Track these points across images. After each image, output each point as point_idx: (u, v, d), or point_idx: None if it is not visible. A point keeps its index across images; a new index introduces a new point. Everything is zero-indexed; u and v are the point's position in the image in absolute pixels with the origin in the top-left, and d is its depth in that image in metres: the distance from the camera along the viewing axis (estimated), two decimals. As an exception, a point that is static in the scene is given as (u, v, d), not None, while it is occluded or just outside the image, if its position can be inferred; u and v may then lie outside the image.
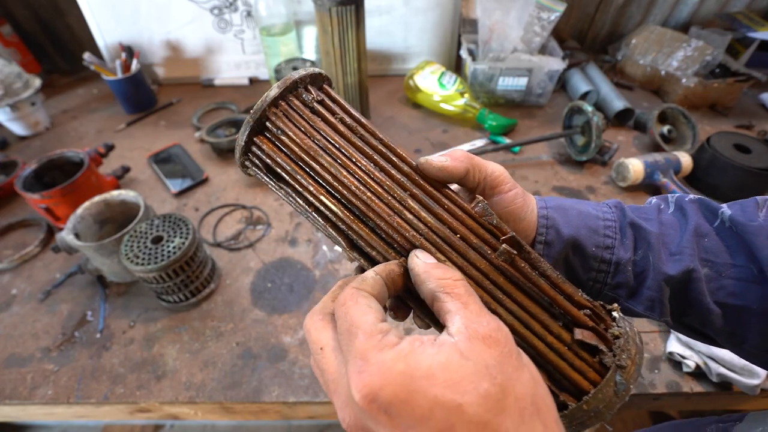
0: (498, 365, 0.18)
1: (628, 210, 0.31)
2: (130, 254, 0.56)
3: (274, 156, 0.26)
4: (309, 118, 0.26)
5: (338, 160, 0.25)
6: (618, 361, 0.23)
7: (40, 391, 0.54)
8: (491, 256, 0.25)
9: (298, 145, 0.25)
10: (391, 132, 0.98)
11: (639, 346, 0.24)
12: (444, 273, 0.22)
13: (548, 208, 0.30)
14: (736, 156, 0.75)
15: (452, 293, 0.21)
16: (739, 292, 0.27)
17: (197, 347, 0.58)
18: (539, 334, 0.24)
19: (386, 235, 0.25)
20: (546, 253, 0.29)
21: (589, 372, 0.23)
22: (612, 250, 0.29)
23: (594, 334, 0.24)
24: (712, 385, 0.53)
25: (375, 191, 0.25)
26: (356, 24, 0.76)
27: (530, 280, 0.24)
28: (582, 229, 0.29)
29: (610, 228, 0.30)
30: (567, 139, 0.89)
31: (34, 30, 1.19)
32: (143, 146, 0.95)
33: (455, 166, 0.27)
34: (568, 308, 0.24)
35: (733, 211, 0.28)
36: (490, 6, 0.95)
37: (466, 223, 0.25)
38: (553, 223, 0.29)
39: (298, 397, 0.53)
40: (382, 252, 0.25)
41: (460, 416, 0.17)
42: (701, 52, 0.98)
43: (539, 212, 0.30)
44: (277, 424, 1.19)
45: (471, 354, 0.19)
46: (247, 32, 1.09)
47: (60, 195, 0.68)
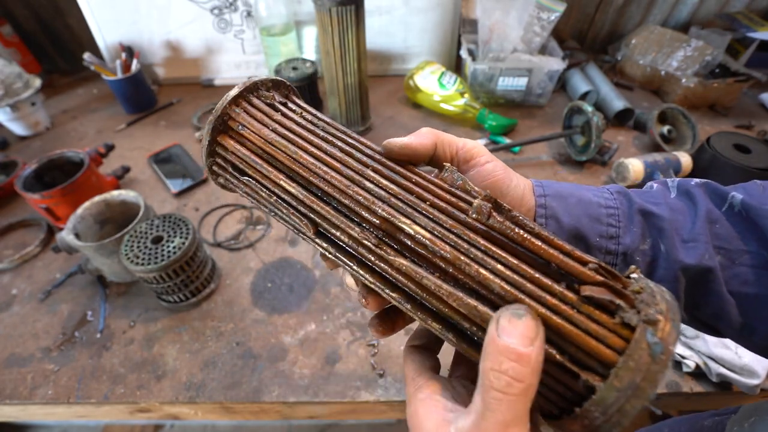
0: None
1: (634, 195, 0.28)
2: (130, 254, 0.57)
3: (237, 150, 0.25)
4: (267, 112, 0.26)
5: (296, 145, 0.25)
6: (645, 316, 0.18)
7: (41, 391, 0.54)
8: (465, 217, 0.22)
9: (257, 135, 0.25)
10: (390, 132, 0.98)
11: (670, 302, 0.19)
12: (501, 374, 0.17)
13: (546, 196, 0.27)
14: (735, 156, 0.75)
15: (489, 393, 0.17)
16: (753, 279, 0.25)
17: (197, 347, 0.59)
18: (537, 297, 0.19)
19: (348, 209, 0.23)
20: None
21: (610, 337, 0.18)
22: (617, 239, 0.26)
23: (606, 289, 0.19)
24: (712, 385, 0.53)
25: (334, 167, 0.24)
26: (356, 24, 0.76)
27: (514, 239, 0.21)
28: (583, 218, 0.27)
29: (613, 216, 0.27)
30: (567, 139, 0.89)
31: (34, 30, 1.19)
32: (143, 146, 0.95)
33: (420, 143, 0.26)
34: (570, 265, 0.20)
35: (743, 195, 0.26)
36: (490, 6, 0.95)
37: (433, 191, 0.23)
38: (553, 212, 0.27)
39: (298, 397, 0.53)
40: (346, 230, 0.23)
41: None
42: (701, 52, 0.98)
43: (537, 200, 0.27)
44: (277, 424, 1.19)
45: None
46: (247, 32, 1.09)
47: (60, 195, 0.68)
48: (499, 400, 0.17)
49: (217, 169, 0.27)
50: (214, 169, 0.27)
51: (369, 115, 0.96)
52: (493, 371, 0.17)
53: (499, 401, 0.17)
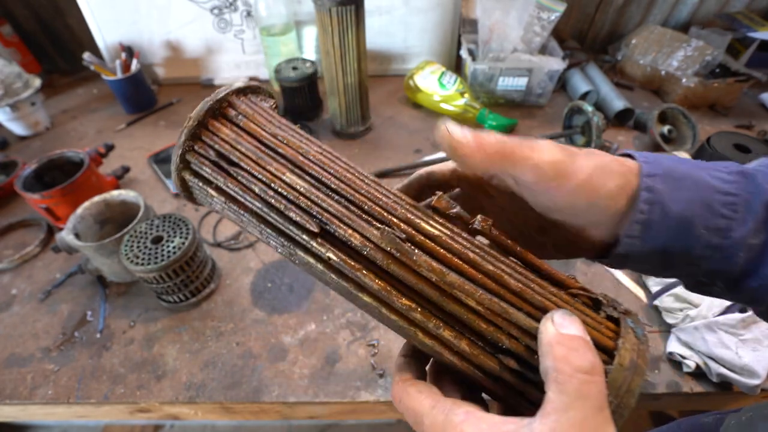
0: None
1: (762, 179, 0.22)
2: (130, 254, 0.56)
3: (229, 137, 0.23)
4: (270, 112, 0.25)
5: (302, 141, 0.24)
6: (621, 309, 0.21)
7: (40, 391, 0.54)
8: (471, 227, 0.23)
9: (259, 127, 0.23)
10: (391, 132, 0.98)
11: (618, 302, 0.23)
12: (581, 357, 0.17)
13: (655, 176, 0.22)
14: (736, 156, 0.75)
15: (573, 379, 0.17)
16: None
17: (197, 347, 0.58)
18: (545, 297, 0.21)
19: (362, 211, 0.21)
20: (643, 237, 0.22)
21: (602, 328, 0.21)
22: (726, 233, 0.21)
23: (585, 291, 0.22)
24: (712, 385, 0.53)
25: (343, 168, 0.23)
26: (356, 24, 0.76)
27: (514, 252, 0.23)
28: (696, 205, 0.21)
29: (731, 205, 0.21)
30: (567, 139, 0.89)
31: (34, 30, 1.19)
32: (143, 146, 0.95)
33: (474, 156, 0.22)
34: (555, 273, 0.23)
35: None
36: (490, 6, 0.95)
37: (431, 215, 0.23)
38: (660, 198, 0.21)
39: (298, 397, 0.53)
40: (361, 231, 0.21)
41: None
42: (701, 52, 0.98)
43: (643, 182, 0.21)
44: (277, 424, 1.19)
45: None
46: (247, 32, 1.09)
47: (60, 195, 0.68)
48: (589, 383, 0.17)
49: (194, 157, 0.23)
50: (193, 154, 0.23)
51: (369, 115, 0.96)
52: (573, 352, 0.17)
53: (589, 384, 0.17)
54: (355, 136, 0.95)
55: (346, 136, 0.95)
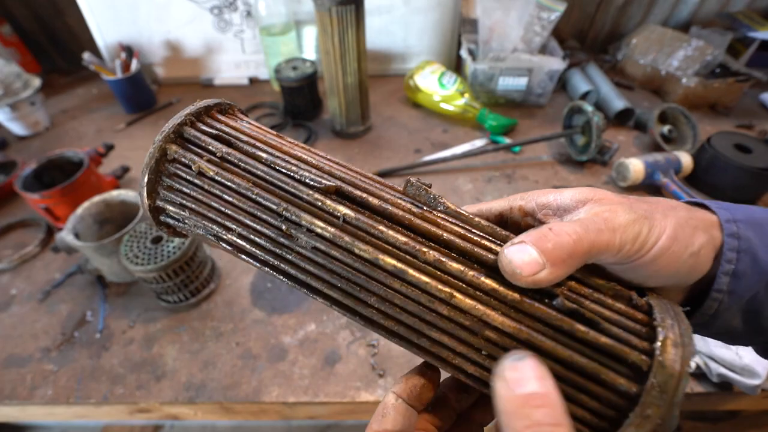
0: None
1: None
2: (130, 254, 0.56)
3: (231, 124, 0.24)
4: (264, 126, 0.26)
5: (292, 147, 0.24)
6: (649, 300, 0.20)
7: (40, 391, 0.54)
8: None
9: (259, 128, 0.24)
10: (391, 132, 0.98)
11: None
12: (543, 414, 0.15)
13: (737, 221, 0.20)
14: (736, 156, 0.75)
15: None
16: None
17: (197, 347, 0.58)
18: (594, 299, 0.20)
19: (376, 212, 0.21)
20: (732, 290, 0.20)
21: (638, 318, 0.19)
22: None
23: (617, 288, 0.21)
24: (712, 385, 0.53)
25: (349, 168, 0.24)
26: (356, 24, 0.76)
27: None
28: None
29: None
30: (567, 139, 0.89)
31: (33, 30, 1.18)
32: (143, 146, 0.95)
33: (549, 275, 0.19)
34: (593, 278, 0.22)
35: None
36: (490, 6, 0.95)
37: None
38: (748, 245, 0.20)
39: (298, 397, 0.53)
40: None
41: None
42: (702, 51, 0.98)
43: (726, 228, 0.20)
44: (277, 424, 1.19)
45: None
46: (247, 32, 1.09)
47: (60, 195, 0.68)
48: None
49: (185, 137, 0.23)
50: (184, 135, 0.23)
51: (369, 114, 0.96)
52: (528, 429, 0.15)
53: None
54: (355, 135, 0.95)
55: (346, 136, 0.95)
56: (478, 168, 0.87)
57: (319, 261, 0.21)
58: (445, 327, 0.19)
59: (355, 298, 0.21)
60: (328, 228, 0.20)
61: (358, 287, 0.20)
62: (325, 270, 0.21)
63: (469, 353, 0.19)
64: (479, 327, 0.19)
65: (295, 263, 0.21)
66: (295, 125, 1.00)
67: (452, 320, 0.19)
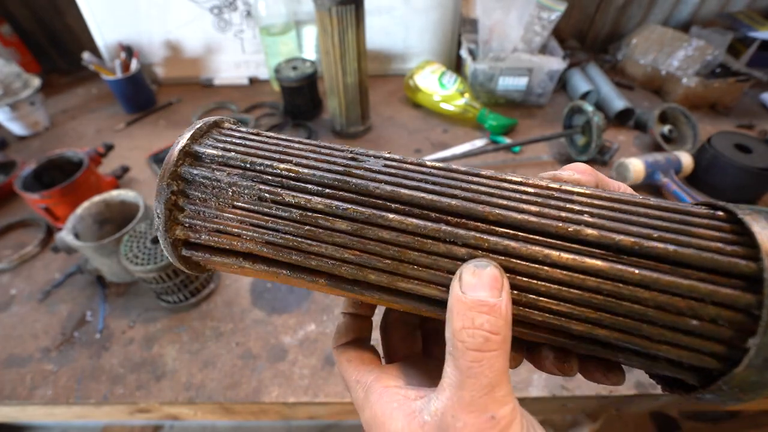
0: None
1: None
2: (130, 254, 0.56)
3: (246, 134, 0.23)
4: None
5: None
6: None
7: (40, 391, 0.54)
8: None
9: (260, 136, 0.24)
10: (391, 132, 0.98)
11: None
12: (474, 334, 0.16)
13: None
14: (737, 156, 0.75)
15: (465, 356, 0.16)
16: None
17: (197, 347, 0.58)
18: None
19: None
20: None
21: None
22: None
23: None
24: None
25: None
26: (356, 24, 0.76)
27: None
28: None
29: None
30: (567, 138, 0.89)
31: (33, 30, 1.18)
32: (143, 146, 0.95)
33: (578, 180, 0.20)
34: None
35: None
36: (490, 6, 0.95)
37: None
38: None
39: (298, 397, 0.53)
40: None
41: None
42: (702, 51, 0.98)
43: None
44: (277, 424, 1.19)
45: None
46: (247, 32, 1.09)
47: (59, 195, 0.68)
48: (479, 361, 0.15)
49: (212, 143, 0.22)
50: (208, 143, 0.22)
51: (369, 114, 0.96)
52: (466, 330, 0.16)
53: (480, 362, 0.15)
54: (355, 135, 0.95)
55: (346, 136, 0.95)
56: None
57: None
58: None
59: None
60: None
61: None
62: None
63: None
64: None
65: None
66: (295, 125, 1.00)
67: None
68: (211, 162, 0.22)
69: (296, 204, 0.20)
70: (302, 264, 0.20)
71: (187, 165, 0.22)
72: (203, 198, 0.21)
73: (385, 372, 0.21)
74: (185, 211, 0.21)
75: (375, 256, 0.19)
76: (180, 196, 0.21)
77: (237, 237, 0.21)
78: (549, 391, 0.53)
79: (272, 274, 0.21)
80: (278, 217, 0.20)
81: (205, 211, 0.21)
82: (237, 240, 0.21)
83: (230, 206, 0.21)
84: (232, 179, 0.21)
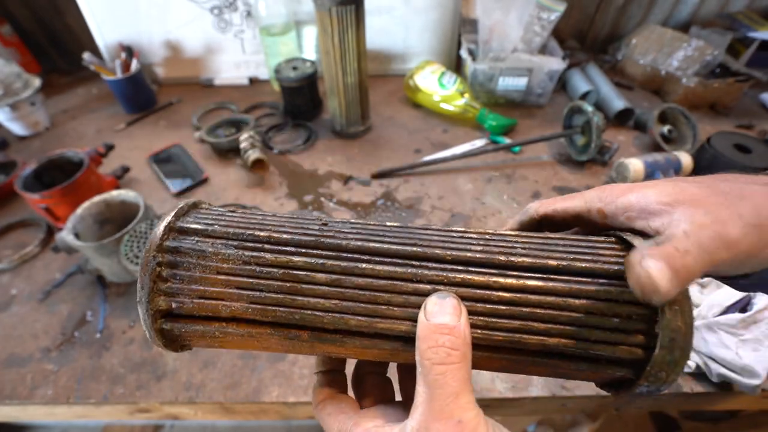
0: None
1: None
2: (130, 254, 0.56)
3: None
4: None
5: None
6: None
7: (40, 391, 0.54)
8: None
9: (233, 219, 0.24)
10: (391, 132, 0.98)
11: None
12: (438, 350, 0.18)
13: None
14: (736, 156, 0.75)
15: (432, 371, 0.18)
16: None
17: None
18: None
19: None
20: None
21: None
22: None
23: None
24: (712, 385, 0.53)
25: None
26: (356, 24, 0.76)
27: None
28: None
29: None
30: (567, 139, 0.89)
31: (33, 30, 1.19)
32: (143, 146, 0.95)
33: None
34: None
35: None
36: (490, 6, 0.95)
37: None
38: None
39: (298, 397, 0.53)
40: None
41: None
42: (701, 52, 0.98)
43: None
44: (277, 424, 1.19)
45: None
46: (247, 32, 1.09)
47: (60, 195, 0.68)
48: (443, 373, 0.18)
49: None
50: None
51: (369, 115, 0.96)
52: (431, 348, 0.18)
53: (443, 374, 0.18)
54: (355, 135, 0.95)
55: (346, 136, 0.95)
56: (478, 168, 0.87)
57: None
58: None
59: None
60: None
61: None
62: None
63: None
64: None
65: None
66: (295, 125, 1.00)
67: None
68: (195, 234, 0.23)
69: (278, 263, 0.22)
70: (286, 319, 0.21)
71: (172, 239, 0.23)
72: (188, 266, 0.22)
73: (363, 416, 0.23)
74: (169, 281, 0.22)
75: (353, 302, 0.21)
76: (165, 267, 0.22)
77: (221, 301, 0.22)
78: (549, 391, 0.53)
79: (255, 338, 0.22)
80: (262, 277, 0.22)
81: (190, 278, 0.22)
82: (222, 303, 0.22)
83: (215, 272, 0.22)
84: (216, 248, 0.22)
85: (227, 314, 0.22)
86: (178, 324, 0.22)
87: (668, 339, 0.19)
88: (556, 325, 0.20)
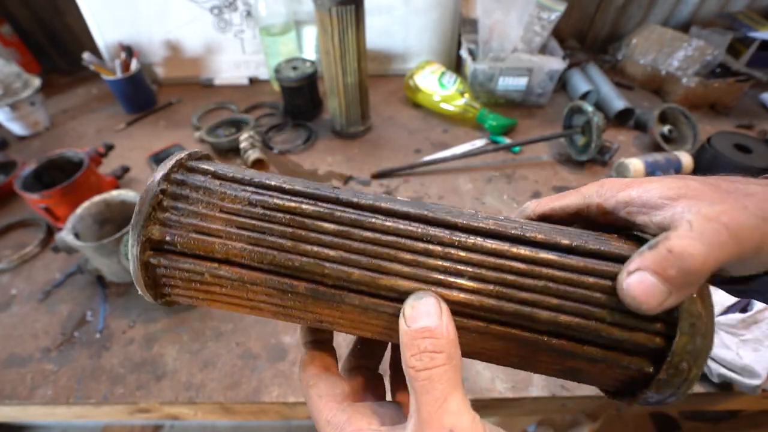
0: None
1: None
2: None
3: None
4: None
5: None
6: None
7: (40, 391, 0.54)
8: None
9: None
10: (391, 132, 0.98)
11: None
12: (421, 357, 0.17)
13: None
14: (736, 156, 0.75)
15: (418, 378, 0.17)
16: None
17: (197, 347, 0.58)
18: None
19: None
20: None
21: None
22: None
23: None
24: (712, 385, 0.53)
25: None
26: (356, 24, 0.76)
27: None
28: None
29: None
30: (567, 139, 0.89)
31: (33, 30, 1.18)
32: (143, 146, 0.95)
33: None
34: None
35: None
36: (490, 6, 0.95)
37: None
38: None
39: (298, 397, 0.53)
40: None
41: None
42: (702, 51, 0.98)
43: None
44: (277, 424, 1.19)
45: None
46: (247, 32, 1.09)
47: (60, 195, 0.68)
48: (429, 378, 0.17)
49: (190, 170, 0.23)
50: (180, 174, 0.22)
51: (369, 114, 0.96)
52: (414, 356, 0.17)
53: (429, 379, 0.17)
54: (355, 135, 0.95)
55: (346, 136, 0.95)
56: (478, 168, 0.87)
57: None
58: None
59: None
60: None
61: None
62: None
63: None
64: None
65: None
66: (295, 125, 1.00)
67: None
68: (205, 174, 0.22)
69: (286, 208, 0.21)
70: (284, 266, 0.20)
71: (180, 173, 0.22)
72: (191, 201, 0.21)
73: (358, 411, 0.21)
74: (169, 212, 0.21)
75: (359, 255, 0.20)
76: (168, 197, 0.21)
77: (219, 238, 0.20)
78: (549, 391, 0.53)
79: (246, 287, 0.21)
80: (266, 220, 0.20)
81: (191, 212, 0.21)
82: (218, 241, 0.20)
83: (218, 210, 0.21)
84: (224, 188, 0.21)
85: (222, 254, 0.20)
86: (166, 259, 0.21)
87: (689, 324, 0.17)
88: (570, 302, 0.19)
